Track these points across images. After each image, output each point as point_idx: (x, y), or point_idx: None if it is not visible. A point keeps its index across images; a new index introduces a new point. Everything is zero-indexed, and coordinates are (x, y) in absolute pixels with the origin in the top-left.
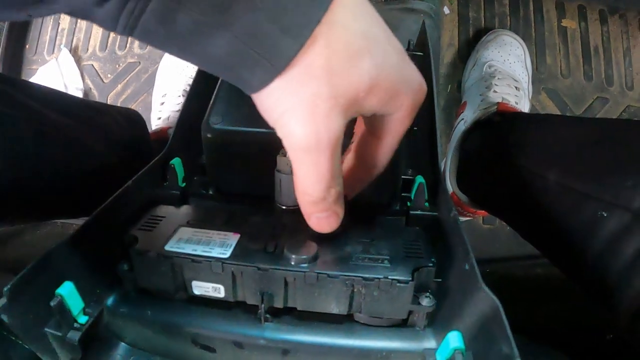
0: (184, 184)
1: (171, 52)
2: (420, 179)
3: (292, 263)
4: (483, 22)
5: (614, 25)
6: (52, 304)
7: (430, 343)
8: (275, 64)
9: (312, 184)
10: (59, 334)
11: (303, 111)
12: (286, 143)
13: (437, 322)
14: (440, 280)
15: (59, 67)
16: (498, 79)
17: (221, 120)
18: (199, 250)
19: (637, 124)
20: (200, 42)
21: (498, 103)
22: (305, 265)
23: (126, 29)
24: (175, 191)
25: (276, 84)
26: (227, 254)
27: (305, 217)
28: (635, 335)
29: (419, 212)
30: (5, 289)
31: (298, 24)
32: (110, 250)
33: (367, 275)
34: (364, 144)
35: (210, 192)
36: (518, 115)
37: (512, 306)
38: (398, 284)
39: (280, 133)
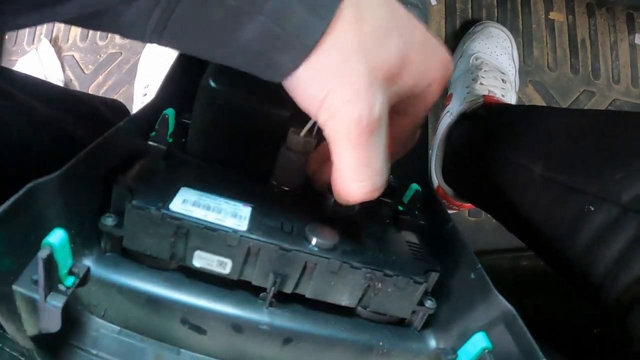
0: (171, 139)
1: (198, 50)
2: (415, 187)
3: (316, 248)
4: (470, 13)
5: (601, 18)
6: (41, 255)
7: (431, 343)
8: (306, 42)
9: (366, 167)
10: (35, 296)
11: (347, 90)
12: (335, 127)
13: (437, 325)
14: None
15: (39, 58)
16: (485, 71)
17: (228, 70)
18: (211, 217)
19: (624, 116)
20: (232, 29)
21: (484, 95)
22: (328, 251)
23: (156, 29)
24: (162, 145)
25: (311, 65)
26: (243, 226)
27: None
28: (622, 329)
29: (408, 217)
30: None
31: (323, 4)
32: (91, 199)
33: (387, 271)
34: (392, 124)
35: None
36: (504, 107)
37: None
38: (413, 284)
39: (325, 118)
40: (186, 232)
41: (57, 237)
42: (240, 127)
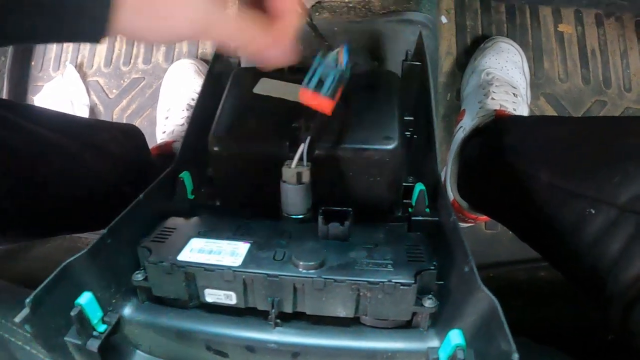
0: (193, 196)
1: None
2: (420, 186)
3: (301, 270)
4: (480, 30)
5: (610, 28)
6: (72, 313)
7: (434, 342)
8: None
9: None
10: (79, 342)
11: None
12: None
13: (440, 323)
14: (442, 282)
15: (64, 83)
16: (496, 86)
17: (226, 133)
18: (211, 260)
19: (620, 121)
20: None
21: (495, 110)
22: (313, 271)
23: None
24: (184, 204)
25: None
26: (237, 262)
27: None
28: (625, 328)
29: (420, 217)
30: (27, 299)
31: None
32: (125, 261)
33: (371, 279)
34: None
35: (218, 203)
36: (513, 119)
37: (516, 309)
38: (401, 287)
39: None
40: (192, 275)
41: (85, 299)
42: (249, 173)
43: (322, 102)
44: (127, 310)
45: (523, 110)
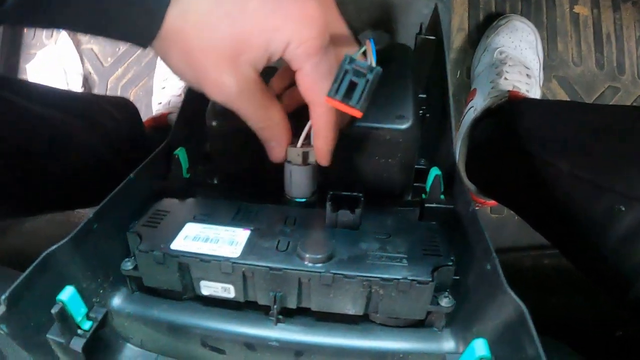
0: (189, 174)
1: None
2: (436, 171)
3: (307, 263)
4: (494, 6)
5: (626, 12)
6: (53, 311)
7: (450, 344)
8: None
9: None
10: (62, 341)
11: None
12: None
13: (457, 323)
14: (457, 277)
15: (58, 51)
16: (509, 65)
17: (224, 115)
18: (207, 249)
19: None
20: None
21: (509, 91)
22: (320, 265)
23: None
24: (179, 183)
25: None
26: (237, 252)
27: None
28: None
29: (434, 204)
30: (2, 297)
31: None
32: (113, 247)
33: (385, 276)
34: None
35: (215, 182)
36: (529, 102)
37: (519, 297)
38: (418, 285)
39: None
40: (187, 266)
41: (67, 294)
42: (250, 150)
43: (352, 112)
44: (116, 301)
45: (536, 92)
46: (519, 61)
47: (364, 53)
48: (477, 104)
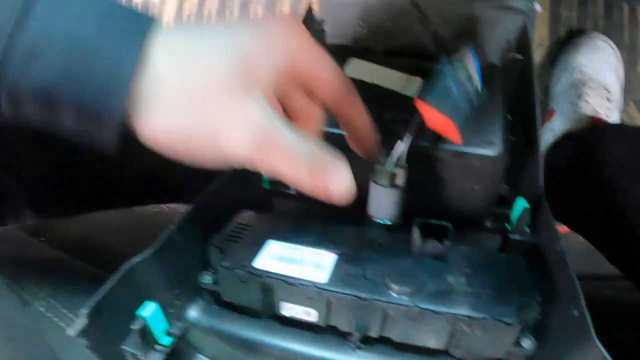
0: (269, 185)
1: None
2: (523, 203)
3: (394, 294)
4: (575, 23)
5: None
6: (133, 327)
7: None
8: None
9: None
10: (139, 355)
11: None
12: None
13: None
14: (539, 317)
15: None
16: (590, 87)
17: None
18: (293, 271)
19: None
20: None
21: (590, 116)
22: (407, 298)
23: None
24: (259, 194)
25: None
26: (323, 277)
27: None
28: None
29: (518, 237)
30: (84, 310)
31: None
32: (192, 259)
33: (472, 315)
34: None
35: (293, 192)
36: (613, 128)
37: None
38: (504, 326)
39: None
40: (270, 286)
41: (149, 310)
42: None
43: (449, 129)
44: (192, 314)
45: (615, 117)
46: (600, 83)
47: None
48: (556, 127)
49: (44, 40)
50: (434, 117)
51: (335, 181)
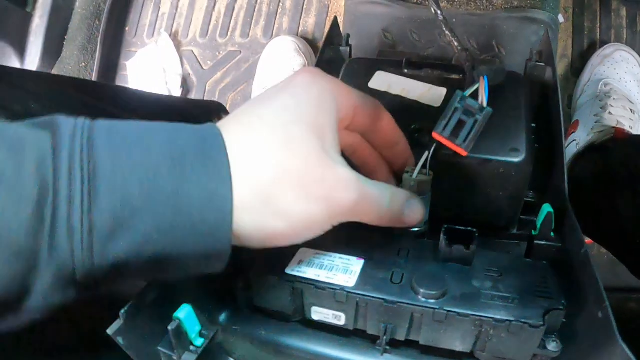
0: None
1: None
2: (548, 208)
3: (421, 298)
4: (598, 34)
5: None
6: (170, 327)
7: None
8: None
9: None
10: (174, 356)
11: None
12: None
13: None
14: (564, 320)
15: (158, 51)
16: (614, 99)
17: None
18: (322, 276)
19: None
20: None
21: (615, 128)
22: (434, 301)
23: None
24: None
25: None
26: (351, 282)
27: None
28: None
29: (543, 242)
30: (122, 311)
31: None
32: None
33: (497, 317)
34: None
35: None
36: (637, 139)
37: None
38: (529, 328)
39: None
40: (301, 291)
41: (184, 312)
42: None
43: (457, 150)
44: (223, 317)
45: (638, 128)
46: (624, 95)
47: (476, 90)
48: (580, 138)
49: (124, 212)
50: (443, 142)
51: (412, 215)
